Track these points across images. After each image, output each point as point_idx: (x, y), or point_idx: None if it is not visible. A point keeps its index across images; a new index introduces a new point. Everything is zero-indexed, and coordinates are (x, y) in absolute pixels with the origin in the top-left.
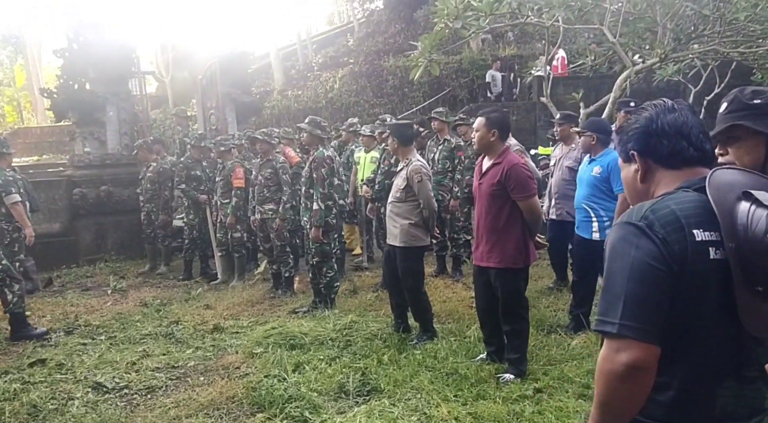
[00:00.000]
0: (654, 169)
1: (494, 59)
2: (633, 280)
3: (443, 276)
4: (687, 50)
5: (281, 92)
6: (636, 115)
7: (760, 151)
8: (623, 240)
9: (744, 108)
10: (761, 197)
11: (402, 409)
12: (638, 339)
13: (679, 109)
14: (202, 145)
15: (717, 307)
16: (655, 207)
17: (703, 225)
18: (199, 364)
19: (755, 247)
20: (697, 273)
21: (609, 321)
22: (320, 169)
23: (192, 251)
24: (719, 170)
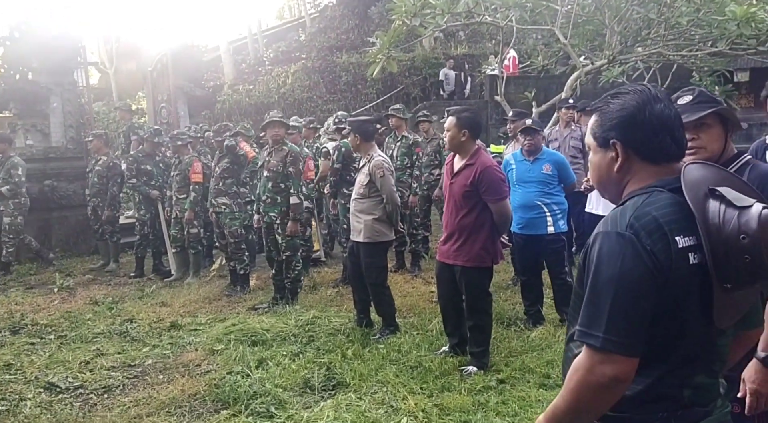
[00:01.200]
0: (633, 160)
1: (447, 58)
2: (619, 294)
3: (402, 271)
4: (632, 53)
5: (232, 86)
6: (619, 100)
7: (723, 140)
8: (611, 251)
9: (711, 100)
10: (728, 195)
11: (369, 403)
12: (621, 353)
13: (663, 99)
14: (156, 141)
15: (696, 309)
16: (638, 214)
17: (683, 231)
18: (157, 362)
19: (729, 249)
20: (679, 280)
21: (593, 334)
22: (297, 163)
23: (144, 248)
24: (689, 167)
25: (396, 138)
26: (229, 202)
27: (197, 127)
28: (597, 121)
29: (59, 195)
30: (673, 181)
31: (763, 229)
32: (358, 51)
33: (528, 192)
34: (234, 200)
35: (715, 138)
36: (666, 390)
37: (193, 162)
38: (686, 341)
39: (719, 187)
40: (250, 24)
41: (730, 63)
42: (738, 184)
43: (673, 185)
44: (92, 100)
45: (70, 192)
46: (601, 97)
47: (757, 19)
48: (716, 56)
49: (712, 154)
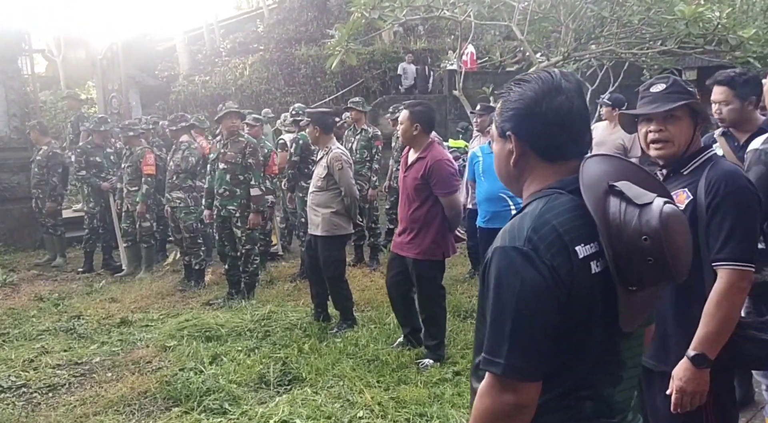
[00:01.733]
0: (530, 155)
1: (407, 52)
2: (520, 316)
3: (361, 265)
4: (586, 50)
5: (187, 77)
6: (520, 88)
7: (691, 134)
8: (509, 269)
9: (684, 91)
10: (628, 191)
11: (325, 397)
12: (524, 380)
13: (567, 91)
14: (102, 130)
15: (600, 317)
16: (536, 225)
17: (584, 238)
18: (105, 359)
19: (632, 251)
20: (582, 292)
21: (494, 360)
22: (257, 155)
23: (93, 242)
24: (587, 163)
25: (356, 131)
26: (184, 197)
27: (149, 118)
28: (498, 109)
29: (2, 187)
30: (572, 181)
31: (664, 227)
32: (317, 43)
33: (493, 185)
34: (189, 194)
35: (684, 131)
36: (567, 402)
37: (145, 154)
38: (590, 352)
39: (619, 181)
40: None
41: (678, 62)
42: (640, 176)
43: (572, 186)
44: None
45: (14, 184)
46: (506, 83)
47: (704, 18)
48: (666, 55)
49: (678, 147)
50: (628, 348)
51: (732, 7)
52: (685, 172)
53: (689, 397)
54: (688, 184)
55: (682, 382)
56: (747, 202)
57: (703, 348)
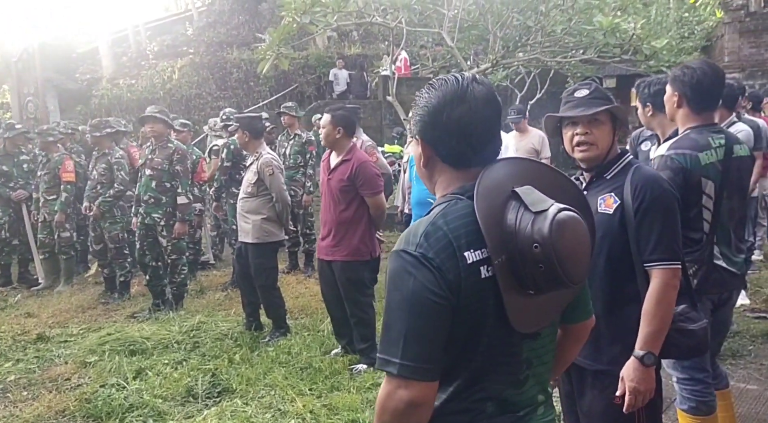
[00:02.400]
0: (436, 160)
1: (340, 57)
2: (412, 317)
3: (295, 272)
4: (514, 58)
5: (111, 80)
6: (427, 94)
7: (611, 138)
8: (401, 270)
9: (606, 97)
10: (527, 198)
11: (255, 408)
12: (418, 379)
13: (471, 100)
14: (6, 136)
15: (492, 320)
16: (428, 230)
17: (473, 244)
18: (21, 377)
19: (524, 257)
20: (472, 296)
21: (389, 360)
22: (185, 162)
23: (8, 254)
24: (489, 169)
25: (289, 136)
26: (109, 207)
27: (67, 123)
28: (411, 112)
29: None
30: (472, 187)
31: (554, 236)
32: (249, 47)
33: (422, 189)
34: (116, 205)
35: (606, 135)
36: (466, 404)
37: (63, 160)
38: (482, 354)
39: (523, 186)
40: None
41: (599, 70)
42: (550, 178)
43: (471, 192)
44: None
45: None
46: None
47: (620, 29)
48: (587, 63)
49: (602, 150)
50: (534, 348)
51: (647, 18)
52: (608, 177)
53: (642, 396)
54: (613, 189)
55: (634, 382)
56: (671, 205)
57: (649, 346)
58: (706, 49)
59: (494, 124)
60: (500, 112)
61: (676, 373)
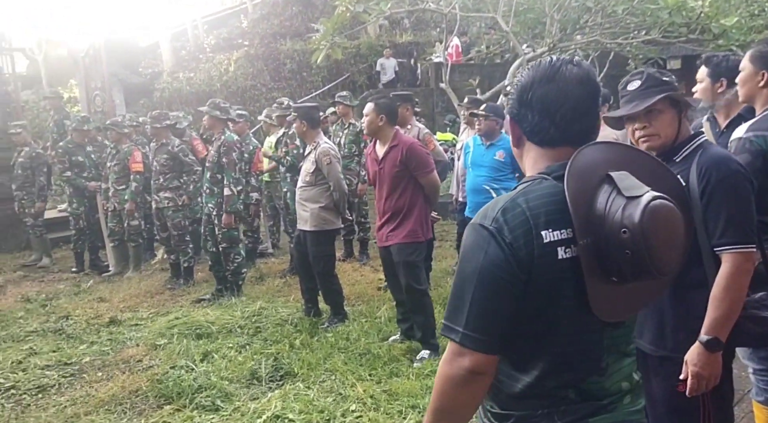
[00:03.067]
0: (522, 138)
1: (392, 46)
2: (479, 289)
3: (351, 259)
4: (572, 41)
5: (171, 74)
6: (523, 74)
7: (677, 123)
8: (475, 244)
9: (661, 83)
10: (621, 183)
11: (317, 391)
12: (478, 351)
13: (559, 80)
14: (85, 129)
15: (572, 305)
16: (507, 206)
17: (553, 224)
18: (95, 359)
19: (610, 242)
20: (546, 275)
21: (454, 328)
22: (231, 154)
23: (82, 242)
24: (584, 150)
25: (343, 125)
26: (172, 196)
27: (132, 116)
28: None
29: None
30: (559, 167)
31: (645, 223)
32: (302, 38)
33: (478, 176)
34: (176, 193)
35: (668, 123)
36: (548, 390)
37: (132, 151)
38: (562, 338)
39: (618, 171)
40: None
41: (663, 51)
42: (649, 166)
43: (559, 172)
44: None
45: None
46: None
47: (687, 7)
48: (650, 44)
49: (666, 139)
50: (615, 337)
51: None
52: (677, 160)
53: (705, 382)
54: (680, 171)
55: (697, 367)
56: (740, 185)
57: (716, 332)
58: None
59: (586, 105)
60: (596, 94)
61: (752, 364)
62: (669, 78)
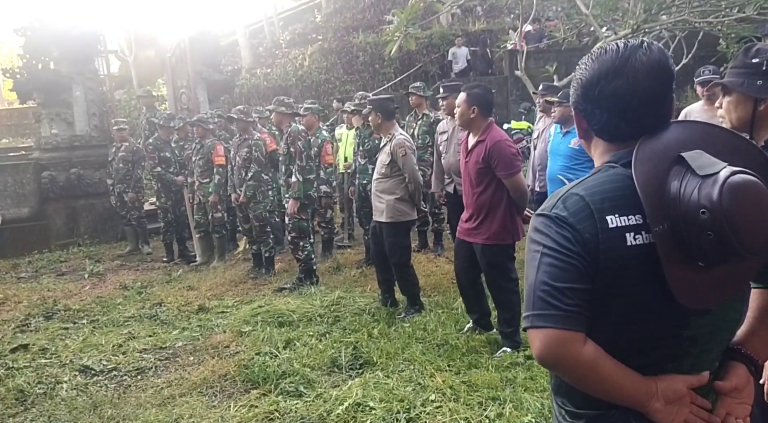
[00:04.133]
0: (589, 131)
1: (465, 34)
2: (541, 270)
3: (425, 251)
4: (657, 21)
5: (249, 70)
6: (586, 65)
7: (747, 108)
8: (535, 232)
9: (741, 65)
10: (694, 162)
11: (396, 381)
12: (546, 326)
13: (629, 72)
14: (171, 125)
15: (651, 292)
16: (566, 195)
17: (619, 209)
18: (187, 344)
19: (689, 225)
20: (614, 261)
21: (526, 315)
22: (297, 143)
23: (171, 234)
24: (658, 134)
25: (417, 116)
26: (254, 188)
27: (213, 112)
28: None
29: (86, 183)
30: (626, 154)
31: (725, 200)
32: (374, 30)
33: (554, 165)
34: (258, 187)
35: (735, 107)
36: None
37: (215, 145)
38: (639, 328)
39: (691, 151)
40: (266, 7)
41: (758, 28)
42: (727, 142)
43: (626, 159)
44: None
45: (96, 179)
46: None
47: None
48: (744, 22)
49: (732, 124)
50: (702, 325)
51: None
52: None
53: None
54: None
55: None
56: None
57: None
58: None
59: (659, 98)
60: (669, 83)
61: None
62: (760, 59)
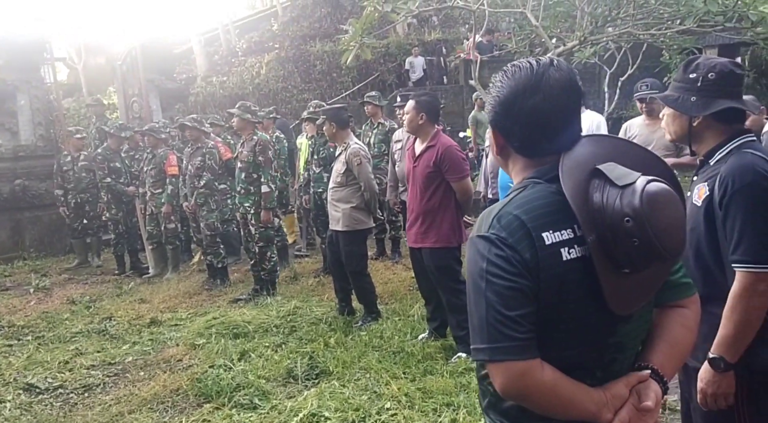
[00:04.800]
0: (509, 148)
1: (420, 44)
2: (490, 296)
3: (383, 258)
4: (603, 33)
5: (205, 78)
6: (500, 83)
7: (683, 124)
8: (475, 255)
9: (680, 79)
10: (611, 173)
11: (352, 389)
12: (505, 359)
13: (544, 89)
14: (122, 135)
15: (587, 305)
16: (500, 214)
17: (553, 225)
18: (137, 359)
19: (615, 234)
20: (554, 278)
21: (479, 348)
22: (267, 152)
23: (122, 246)
24: (574, 149)
25: (372, 125)
26: (205, 197)
27: (166, 122)
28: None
29: (31, 194)
30: (550, 169)
31: (646, 207)
32: (331, 39)
33: (504, 174)
34: (210, 195)
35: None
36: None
37: (168, 155)
38: (575, 341)
39: (606, 163)
40: (221, 15)
41: (698, 40)
42: (636, 155)
43: (551, 174)
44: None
45: (42, 191)
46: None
47: None
48: (685, 34)
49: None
50: (627, 331)
51: None
52: (711, 163)
53: (712, 399)
54: (709, 178)
55: (702, 383)
56: (761, 198)
57: (721, 351)
58: None
59: (571, 113)
60: (579, 98)
61: None
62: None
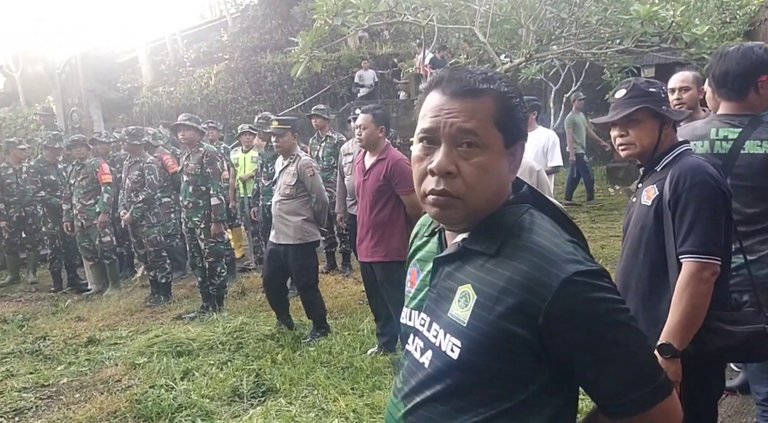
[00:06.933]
0: None
1: (372, 57)
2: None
3: (333, 272)
4: (548, 51)
5: (151, 88)
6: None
7: (656, 134)
8: (611, 292)
9: (644, 94)
10: None
11: (299, 407)
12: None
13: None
14: (56, 147)
15: None
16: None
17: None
18: (73, 380)
19: None
20: None
21: (656, 387)
22: (215, 164)
23: (58, 261)
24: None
25: (320, 138)
26: (145, 211)
27: (108, 133)
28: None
29: None
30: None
31: None
32: (282, 51)
33: None
34: (150, 209)
35: (646, 133)
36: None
37: (99, 164)
38: None
39: None
40: (169, 24)
41: (637, 60)
42: None
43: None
44: None
45: None
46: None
47: (659, 17)
48: (624, 53)
49: (643, 148)
50: None
51: (686, 4)
52: (658, 169)
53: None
54: (657, 181)
55: None
56: (708, 195)
57: (669, 338)
58: (749, 34)
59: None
60: None
61: (763, 391)
62: (656, 89)
